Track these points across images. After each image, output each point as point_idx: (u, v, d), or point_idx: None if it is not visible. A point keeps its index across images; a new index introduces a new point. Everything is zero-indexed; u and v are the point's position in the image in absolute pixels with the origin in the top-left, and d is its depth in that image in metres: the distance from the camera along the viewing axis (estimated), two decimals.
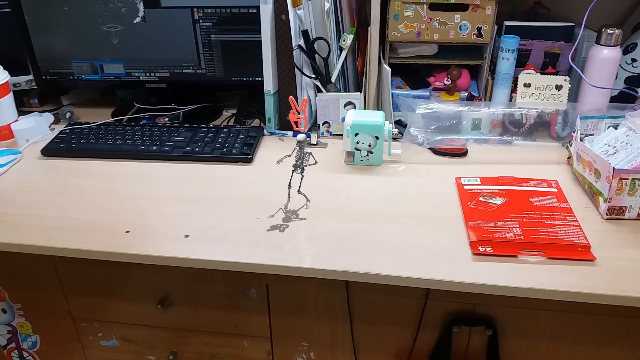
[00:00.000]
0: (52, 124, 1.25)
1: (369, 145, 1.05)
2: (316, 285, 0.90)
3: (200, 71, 1.24)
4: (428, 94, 1.23)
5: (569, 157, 1.05)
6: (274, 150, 1.14)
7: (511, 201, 0.94)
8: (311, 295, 0.93)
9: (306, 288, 0.92)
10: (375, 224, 0.91)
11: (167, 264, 0.86)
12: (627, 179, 0.86)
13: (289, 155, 0.94)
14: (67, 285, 1.01)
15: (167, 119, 1.28)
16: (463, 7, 1.11)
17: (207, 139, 1.14)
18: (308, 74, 1.14)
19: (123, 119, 1.28)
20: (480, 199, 0.95)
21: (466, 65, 1.20)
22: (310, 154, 0.93)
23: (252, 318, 0.97)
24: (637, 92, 1.15)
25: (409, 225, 0.90)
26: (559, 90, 1.14)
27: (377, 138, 1.04)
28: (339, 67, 1.15)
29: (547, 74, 1.15)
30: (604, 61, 1.08)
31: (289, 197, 0.94)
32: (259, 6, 1.13)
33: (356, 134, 1.04)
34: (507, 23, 1.15)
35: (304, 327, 0.97)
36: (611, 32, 1.06)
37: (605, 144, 0.95)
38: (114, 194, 1.00)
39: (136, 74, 1.26)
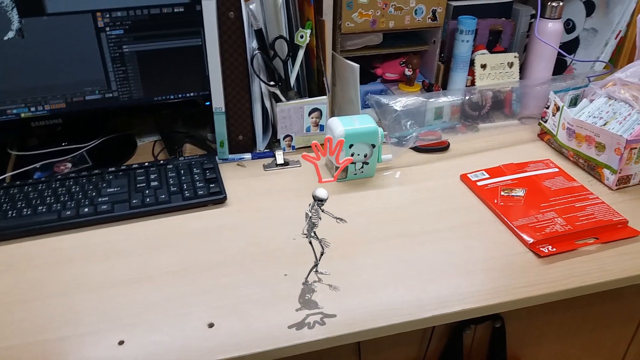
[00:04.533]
0: None
1: (365, 156, 0.91)
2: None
3: (111, 95, 0.94)
4: (382, 87, 1.13)
5: (544, 133, 1.05)
6: (241, 181, 0.92)
7: (530, 190, 0.90)
8: None
9: None
10: (405, 250, 0.77)
11: None
12: (636, 148, 0.88)
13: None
14: None
15: (69, 164, 0.95)
16: None
17: (153, 184, 0.86)
18: (266, 81, 0.94)
19: (3, 177, 0.91)
20: (502, 193, 0.89)
21: (412, 52, 1.12)
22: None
23: None
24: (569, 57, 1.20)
25: (444, 241, 0.79)
26: (510, 68, 1.13)
27: (373, 146, 0.90)
28: (297, 69, 0.96)
29: (496, 52, 1.13)
30: (550, 34, 1.09)
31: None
32: (187, 3, 0.89)
33: (350, 146, 0.89)
34: (453, 3, 1.09)
35: None
36: (555, 5, 1.07)
37: (590, 116, 0.96)
38: (41, 293, 0.69)
39: (14, 111, 0.90)
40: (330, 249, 0.76)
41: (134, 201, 0.83)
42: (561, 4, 1.07)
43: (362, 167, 0.92)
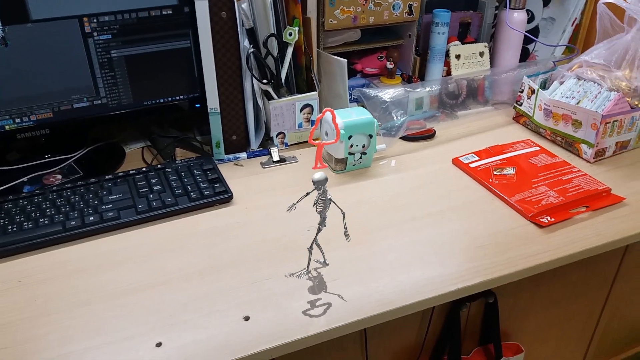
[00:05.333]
0: None
1: (363, 147, 0.93)
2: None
3: (100, 102, 0.91)
4: (364, 82, 1.16)
5: (520, 116, 1.11)
6: (242, 180, 0.92)
7: (519, 168, 0.95)
8: None
9: None
10: (416, 232, 0.80)
11: None
12: (610, 122, 0.95)
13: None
14: None
15: (59, 176, 0.91)
16: None
17: (156, 188, 0.85)
18: (259, 80, 0.94)
19: None
20: (495, 172, 0.93)
21: (390, 46, 1.16)
22: (330, 200, 0.69)
23: None
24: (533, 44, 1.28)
25: (450, 221, 0.82)
26: (482, 57, 1.19)
27: (370, 137, 0.93)
28: (286, 66, 0.97)
29: (467, 42, 1.19)
30: (516, 23, 1.16)
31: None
32: (175, 5, 0.89)
33: (349, 137, 0.91)
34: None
35: None
36: None
37: (563, 96, 1.02)
38: (62, 305, 0.67)
39: None
40: (356, 235, 0.78)
41: (139, 206, 0.81)
42: None
43: (360, 158, 0.94)
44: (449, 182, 0.93)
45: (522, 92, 1.09)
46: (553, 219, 0.82)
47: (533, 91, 1.06)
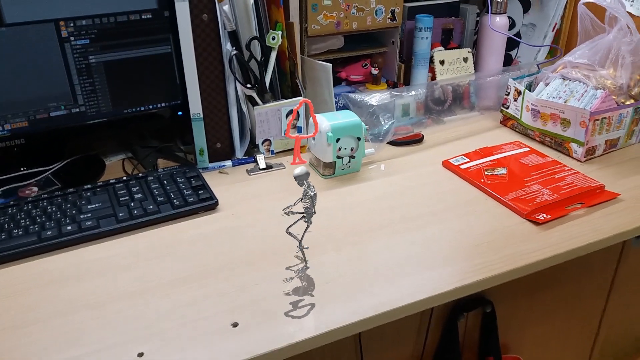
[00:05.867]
0: None
1: (352, 150, 0.91)
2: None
3: (77, 110, 0.88)
4: (349, 89, 1.14)
5: (507, 119, 1.10)
6: (228, 187, 0.89)
7: (511, 168, 0.93)
8: None
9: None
10: (411, 233, 0.77)
11: None
12: (598, 119, 0.94)
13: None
14: None
15: (35, 188, 0.87)
16: None
17: (138, 196, 0.81)
18: (243, 84, 0.92)
19: None
20: (487, 173, 0.92)
21: (374, 53, 1.15)
22: (316, 195, 0.66)
23: None
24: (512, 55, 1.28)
25: (445, 221, 0.80)
26: (466, 62, 1.18)
27: (358, 139, 0.90)
28: (270, 71, 0.95)
29: (451, 48, 1.19)
30: (499, 27, 1.16)
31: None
32: (154, 9, 0.87)
33: (337, 140, 0.88)
34: (408, 5, 1.14)
35: None
36: (500, 0, 1.14)
37: (550, 97, 1.02)
38: (38, 316, 0.63)
39: None
40: (338, 238, 0.76)
41: (120, 214, 0.77)
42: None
43: (349, 162, 0.92)
44: (441, 183, 0.91)
45: (508, 94, 1.09)
46: (549, 216, 0.80)
47: (519, 93, 1.05)
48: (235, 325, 0.61)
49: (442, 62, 1.15)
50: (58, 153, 0.95)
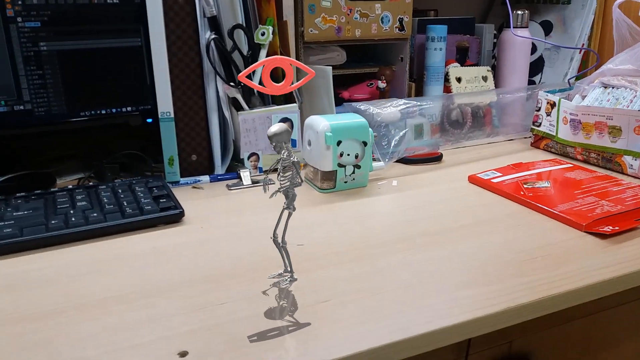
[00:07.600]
0: None
1: (356, 157, 0.73)
2: None
3: (22, 107, 0.72)
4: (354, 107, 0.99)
5: (540, 139, 0.93)
6: (201, 201, 0.71)
7: (556, 181, 0.75)
8: None
9: None
10: (436, 248, 0.59)
11: None
12: None
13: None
14: None
15: None
16: None
17: (81, 204, 0.63)
18: (224, 79, 0.77)
19: None
20: (526, 185, 0.73)
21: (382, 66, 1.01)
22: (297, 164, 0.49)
23: None
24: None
25: (482, 235, 0.61)
26: (485, 82, 1.04)
27: (364, 144, 0.73)
28: (260, 71, 0.81)
29: (468, 66, 1.05)
30: (523, 42, 1.03)
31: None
32: None
33: (339, 143, 0.71)
34: (417, 18, 1.02)
35: None
36: (521, 12, 1.02)
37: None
38: None
39: None
40: (338, 252, 0.57)
41: (52, 222, 0.59)
42: (526, 12, 1.02)
43: (353, 173, 0.74)
44: (468, 197, 0.72)
45: (538, 110, 0.93)
46: (617, 228, 0.61)
47: (553, 105, 0.89)
48: (183, 354, 0.40)
49: (458, 79, 1.01)
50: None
